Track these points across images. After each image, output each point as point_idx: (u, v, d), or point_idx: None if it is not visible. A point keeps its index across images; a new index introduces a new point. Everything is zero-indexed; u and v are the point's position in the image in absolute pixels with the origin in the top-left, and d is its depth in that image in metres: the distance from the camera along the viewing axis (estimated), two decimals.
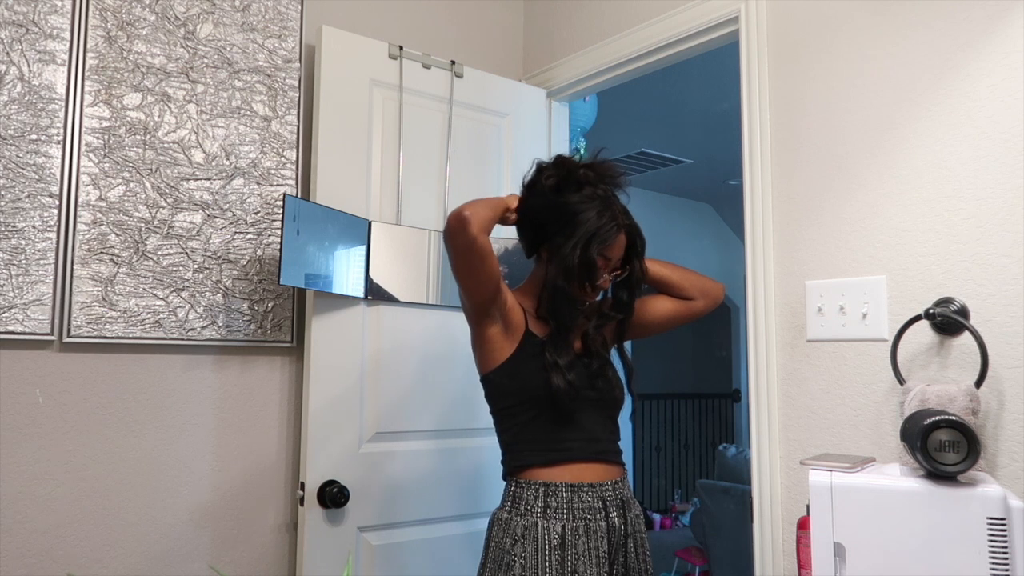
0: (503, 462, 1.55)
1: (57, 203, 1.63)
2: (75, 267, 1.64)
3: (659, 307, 1.66)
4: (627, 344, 1.69)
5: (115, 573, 1.66)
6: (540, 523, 1.42)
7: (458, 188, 2.12)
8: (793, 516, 1.59)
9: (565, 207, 1.49)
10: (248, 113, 1.88)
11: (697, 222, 6.31)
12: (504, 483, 1.53)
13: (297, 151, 1.94)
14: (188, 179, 1.79)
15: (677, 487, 6.69)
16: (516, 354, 1.50)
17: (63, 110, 1.64)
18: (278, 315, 1.89)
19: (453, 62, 2.16)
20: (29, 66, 1.62)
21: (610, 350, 1.63)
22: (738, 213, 1.80)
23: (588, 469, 1.48)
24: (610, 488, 1.49)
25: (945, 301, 1.41)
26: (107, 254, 1.68)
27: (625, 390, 1.60)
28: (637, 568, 1.50)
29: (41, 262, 1.60)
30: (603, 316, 1.60)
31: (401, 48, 2.06)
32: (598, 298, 1.61)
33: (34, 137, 1.61)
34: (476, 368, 1.58)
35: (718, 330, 6.93)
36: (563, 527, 1.42)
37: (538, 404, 1.48)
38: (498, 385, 1.53)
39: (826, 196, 1.62)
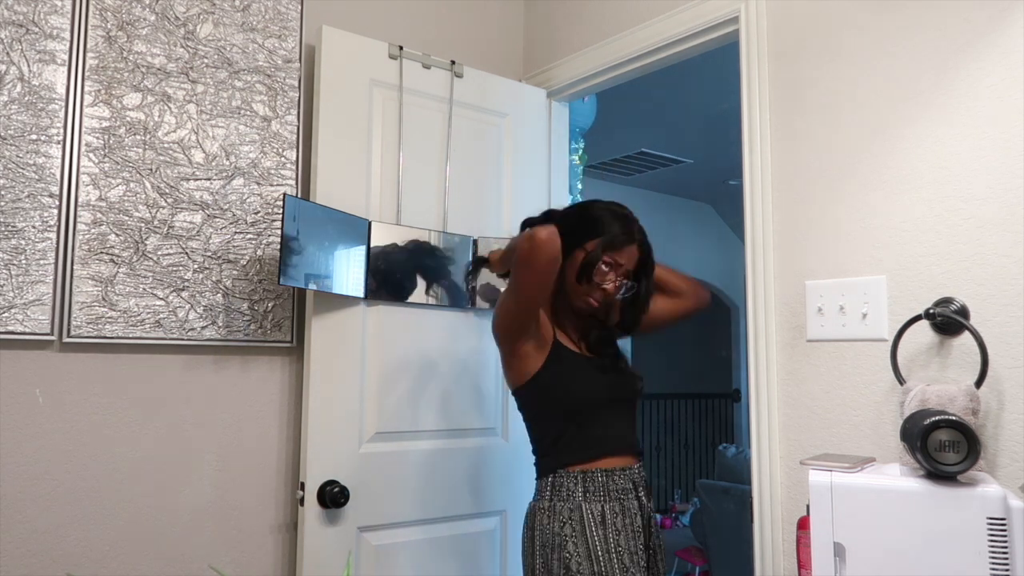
0: (538, 463, 1.65)
1: (57, 203, 1.63)
2: (75, 267, 1.64)
3: (653, 306, 1.73)
4: (627, 346, 1.72)
5: (115, 573, 1.66)
6: (583, 505, 1.54)
7: (458, 188, 2.12)
8: (793, 516, 1.59)
9: (588, 215, 1.65)
10: (248, 113, 1.88)
11: (697, 222, 6.31)
12: (537, 480, 1.63)
13: (297, 151, 1.94)
14: (188, 179, 1.79)
15: (677, 487, 6.69)
16: (547, 365, 1.60)
17: (63, 110, 1.64)
18: (278, 315, 1.89)
19: (453, 62, 2.16)
20: (29, 66, 1.62)
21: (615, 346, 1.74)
22: (738, 213, 1.80)
23: (619, 460, 1.61)
24: (636, 471, 1.63)
25: (945, 301, 1.41)
26: (107, 254, 1.68)
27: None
28: (657, 544, 1.64)
29: (41, 262, 1.60)
30: (608, 331, 1.71)
31: (401, 48, 2.06)
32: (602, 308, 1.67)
33: (34, 137, 1.61)
34: (506, 381, 1.69)
35: (718, 330, 6.93)
36: (602, 507, 1.55)
37: (572, 411, 1.60)
38: (533, 396, 1.63)
39: (826, 196, 1.62)
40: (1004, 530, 1.06)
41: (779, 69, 1.73)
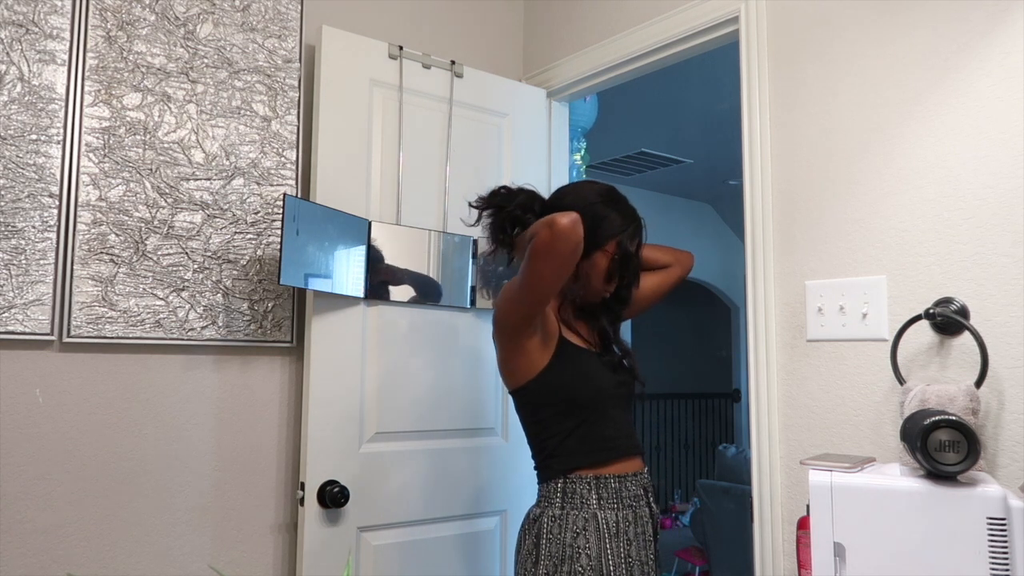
0: (544, 465, 1.55)
1: (57, 203, 1.63)
2: (75, 267, 1.64)
3: (644, 283, 1.68)
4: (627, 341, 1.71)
5: (115, 573, 1.66)
6: (598, 514, 1.48)
7: (458, 188, 2.12)
8: (793, 516, 1.59)
9: (594, 212, 1.53)
10: (248, 113, 1.88)
11: (697, 222, 6.31)
12: (542, 484, 1.54)
13: (297, 151, 1.94)
14: (188, 179, 1.79)
15: (677, 487, 6.69)
16: (555, 361, 1.52)
17: (63, 110, 1.64)
18: (278, 315, 1.89)
19: (453, 62, 2.16)
20: (29, 66, 1.62)
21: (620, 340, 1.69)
22: (738, 213, 1.80)
23: (629, 463, 1.55)
24: (645, 477, 1.58)
25: (945, 301, 1.41)
26: (107, 254, 1.68)
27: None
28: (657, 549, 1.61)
29: (41, 262, 1.60)
30: (610, 311, 1.65)
31: (401, 48, 2.06)
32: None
33: (34, 137, 1.61)
34: (505, 381, 1.59)
35: (718, 330, 6.93)
36: (616, 516, 1.49)
37: (582, 408, 1.52)
38: (539, 393, 1.54)
39: (826, 196, 1.62)
40: (1004, 530, 1.06)
41: (779, 69, 1.73)
